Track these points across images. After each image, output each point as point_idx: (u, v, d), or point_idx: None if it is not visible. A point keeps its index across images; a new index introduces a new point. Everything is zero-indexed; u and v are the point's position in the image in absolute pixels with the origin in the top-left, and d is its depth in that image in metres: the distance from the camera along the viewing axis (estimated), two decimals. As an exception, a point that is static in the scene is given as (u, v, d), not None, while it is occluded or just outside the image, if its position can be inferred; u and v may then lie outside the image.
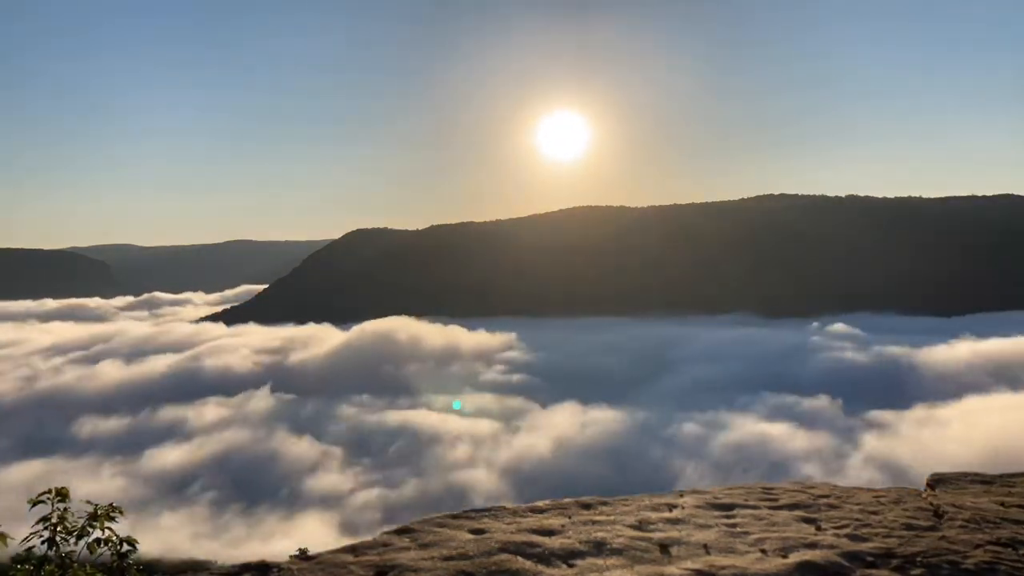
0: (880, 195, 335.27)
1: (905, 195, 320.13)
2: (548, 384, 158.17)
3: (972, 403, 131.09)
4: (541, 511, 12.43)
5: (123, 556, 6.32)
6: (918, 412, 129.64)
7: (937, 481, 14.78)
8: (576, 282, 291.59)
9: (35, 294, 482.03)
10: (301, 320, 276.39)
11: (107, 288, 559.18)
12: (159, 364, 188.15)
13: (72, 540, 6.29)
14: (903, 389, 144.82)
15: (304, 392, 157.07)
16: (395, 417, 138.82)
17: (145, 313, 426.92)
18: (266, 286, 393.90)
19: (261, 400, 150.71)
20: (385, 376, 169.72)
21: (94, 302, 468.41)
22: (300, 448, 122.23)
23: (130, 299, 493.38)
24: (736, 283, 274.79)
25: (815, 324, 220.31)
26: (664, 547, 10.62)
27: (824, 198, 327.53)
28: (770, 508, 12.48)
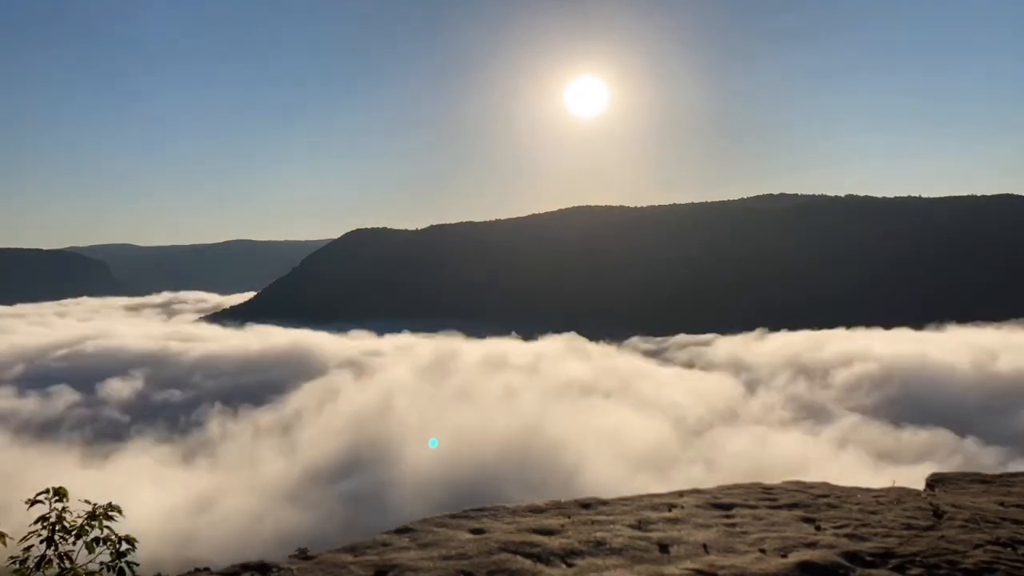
0: (880, 195, 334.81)
1: (905, 195, 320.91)
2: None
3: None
4: (541, 511, 12.43)
5: (122, 555, 6.32)
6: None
7: (937, 481, 14.79)
8: (575, 281, 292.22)
9: (34, 294, 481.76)
10: (301, 320, 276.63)
11: (107, 289, 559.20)
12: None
13: (71, 539, 6.28)
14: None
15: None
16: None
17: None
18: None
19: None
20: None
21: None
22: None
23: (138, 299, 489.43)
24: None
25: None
26: (664, 547, 10.62)
27: (824, 198, 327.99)
28: (769, 508, 12.48)
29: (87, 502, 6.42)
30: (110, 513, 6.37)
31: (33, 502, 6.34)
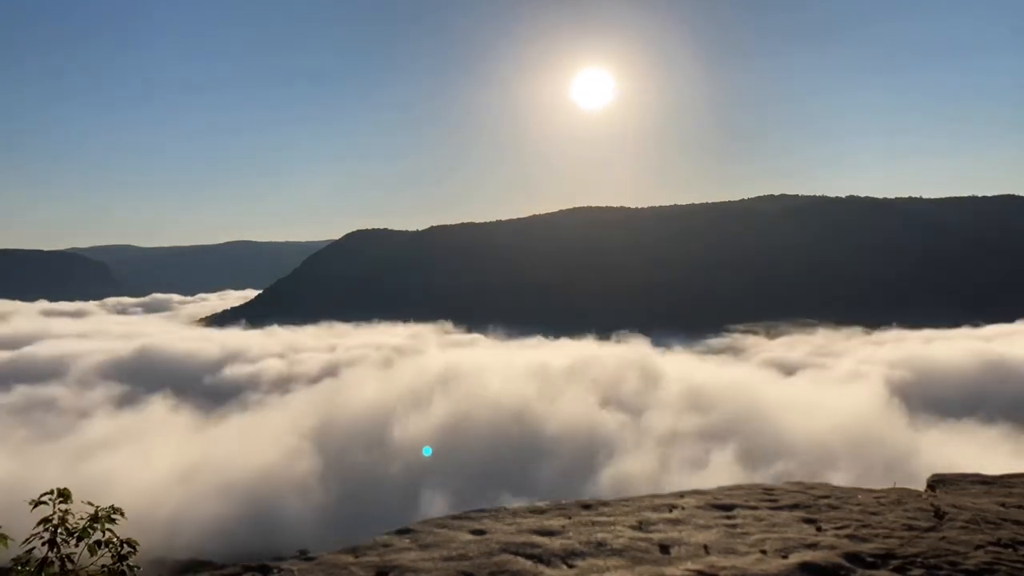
0: (881, 196, 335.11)
1: (906, 195, 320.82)
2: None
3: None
4: (542, 512, 12.44)
5: (123, 558, 6.33)
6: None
7: (938, 482, 14.78)
8: (576, 282, 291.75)
9: (34, 296, 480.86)
10: (300, 321, 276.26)
11: (107, 289, 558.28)
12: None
13: (73, 541, 6.29)
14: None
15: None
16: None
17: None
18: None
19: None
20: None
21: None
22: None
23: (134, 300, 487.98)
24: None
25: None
26: (664, 547, 10.62)
27: (824, 199, 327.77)
28: (770, 508, 12.47)
29: (90, 504, 6.43)
30: (112, 516, 6.38)
31: (37, 503, 6.35)
